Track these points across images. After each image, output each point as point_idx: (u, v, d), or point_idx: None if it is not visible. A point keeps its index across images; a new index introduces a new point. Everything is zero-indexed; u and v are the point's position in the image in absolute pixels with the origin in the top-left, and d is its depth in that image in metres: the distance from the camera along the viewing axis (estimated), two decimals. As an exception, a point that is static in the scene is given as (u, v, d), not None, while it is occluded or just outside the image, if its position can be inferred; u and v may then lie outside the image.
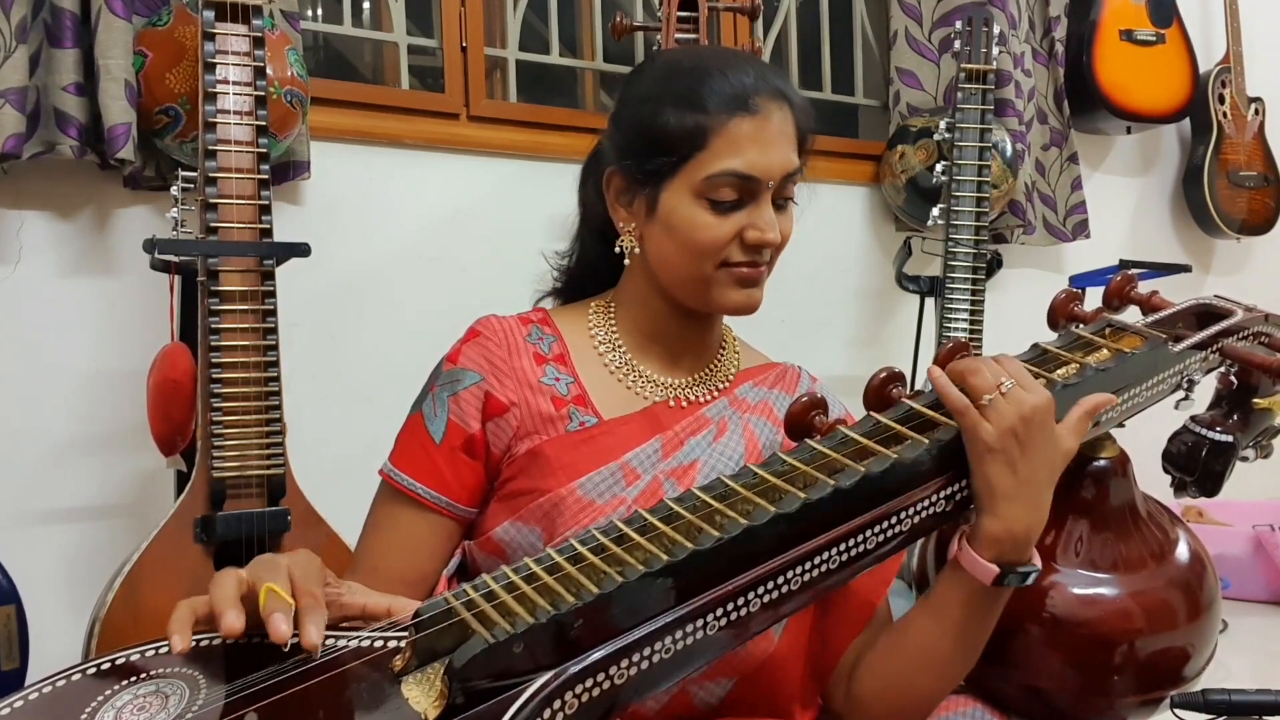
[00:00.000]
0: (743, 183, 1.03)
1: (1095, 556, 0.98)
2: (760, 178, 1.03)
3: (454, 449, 1.06)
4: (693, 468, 1.06)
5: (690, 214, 1.04)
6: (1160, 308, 1.03)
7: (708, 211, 1.03)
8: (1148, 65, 2.96)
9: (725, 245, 1.04)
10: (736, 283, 1.06)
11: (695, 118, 1.03)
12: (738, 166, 1.02)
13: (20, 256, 1.79)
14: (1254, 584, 2.62)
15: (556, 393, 1.08)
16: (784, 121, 1.05)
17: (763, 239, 1.03)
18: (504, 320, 1.12)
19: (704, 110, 1.03)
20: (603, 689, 0.74)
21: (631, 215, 1.10)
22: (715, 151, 1.02)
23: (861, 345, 2.72)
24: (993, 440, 0.85)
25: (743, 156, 1.02)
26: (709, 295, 1.07)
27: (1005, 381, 0.86)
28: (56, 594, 1.77)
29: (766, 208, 1.04)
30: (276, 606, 0.76)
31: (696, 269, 1.05)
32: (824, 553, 0.82)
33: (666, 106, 1.04)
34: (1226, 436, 0.96)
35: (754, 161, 1.02)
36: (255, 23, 1.54)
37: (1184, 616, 0.98)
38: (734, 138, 1.02)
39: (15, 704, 0.72)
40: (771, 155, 1.03)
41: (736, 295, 1.07)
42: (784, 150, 1.04)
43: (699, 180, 1.03)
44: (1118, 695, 0.97)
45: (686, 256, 1.05)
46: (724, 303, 1.07)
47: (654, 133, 1.05)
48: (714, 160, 1.02)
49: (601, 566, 0.79)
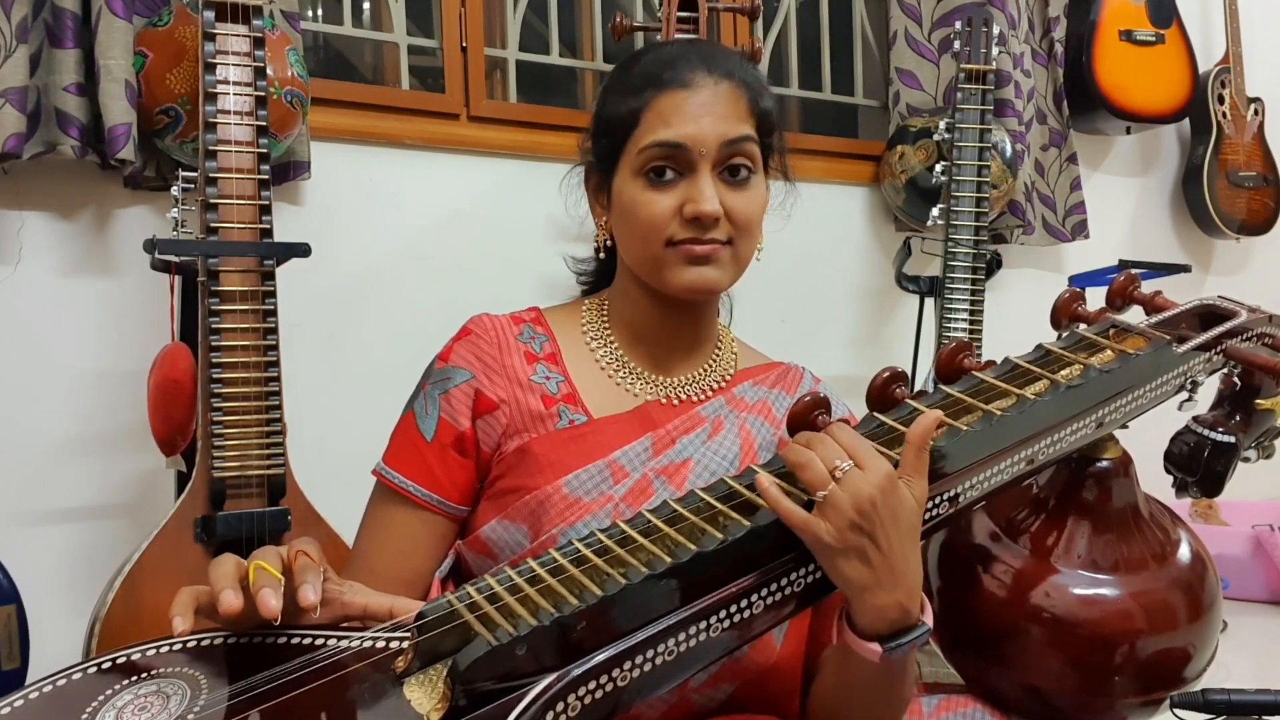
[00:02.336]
0: (672, 151, 1.03)
1: (1096, 557, 0.98)
2: (688, 145, 1.02)
3: (445, 447, 1.06)
4: (685, 466, 1.05)
5: (632, 194, 1.05)
6: (1164, 308, 1.03)
7: (646, 188, 1.04)
8: (1147, 65, 2.96)
9: (667, 221, 1.03)
10: (686, 261, 1.04)
11: (628, 100, 1.06)
12: (664, 136, 1.03)
13: (20, 256, 1.79)
14: (1254, 584, 2.62)
15: (546, 391, 1.08)
16: (720, 93, 1.04)
17: (698, 210, 1.02)
18: (496, 319, 1.12)
19: (637, 91, 1.06)
20: (606, 691, 0.74)
21: (603, 210, 1.12)
22: (646, 126, 1.04)
23: (861, 345, 2.71)
24: (836, 541, 0.80)
25: (671, 127, 1.03)
26: (663, 276, 1.06)
27: (840, 464, 0.80)
28: (56, 594, 1.77)
29: (704, 179, 1.03)
30: (266, 582, 0.76)
31: (646, 250, 1.05)
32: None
33: (611, 96, 1.09)
34: (1229, 437, 0.96)
35: (680, 130, 1.03)
36: (255, 23, 1.54)
37: (1185, 617, 0.98)
38: (661, 110, 1.04)
39: (15, 703, 0.72)
40: (702, 124, 1.03)
41: (686, 274, 1.05)
42: (719, 120, 1.03)
43: (634, 156, 1.05)
44: (1118, 696, 0.97)
45: (636, 238, 1.06)
46: (676, 282, 1.05)
47: (602, 123, 1.09)
48: (646, 133, 1.04)
49: (604, 568, 0.79)
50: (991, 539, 1.02)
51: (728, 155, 1.04)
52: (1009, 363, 0.95)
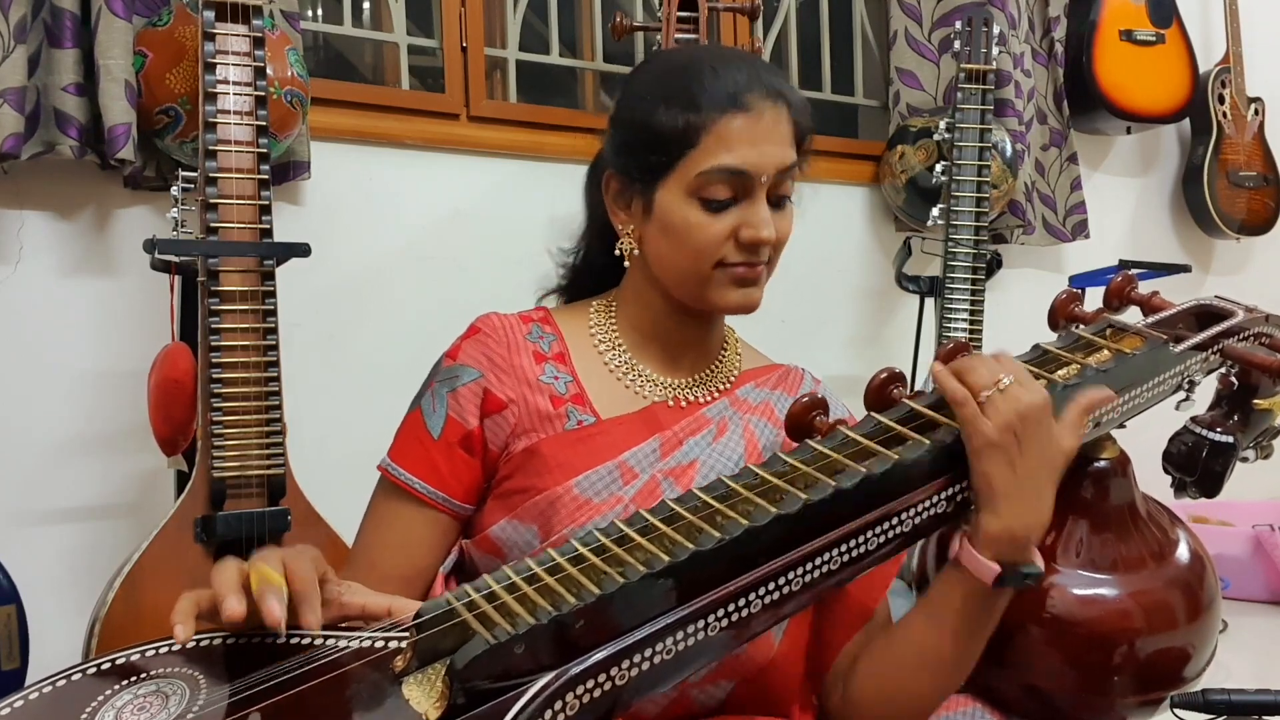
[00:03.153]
0: (735, 179, 1.02)
1: (1095, 557, 0.98)
2: (752, 173, 1.02)
3: (451, 445, 1.06)
4: (691, 468, 1.06)
5: (684, 214, 1.04)
6: (1161, 308, 1.02)
7: (701, 210, 1.03)
8: (1147, 65, 2.96)
9: (720, 244, 1.03)
10: (733, 282, 1.05)
11: (687, 116, 1.02)
12: (729, 162, 1.02)
13: (20, 256, 1.79)
14: (1254, 584, 2.62)
15: (555, 391, 1.08)
16: (777, 118, 1.04)
17: (757, 237, 1.03)
18: (504, 318, 1.12)
19: (696, 108, 1.02)
20: (604, 689, 0.74)
21: (630, 217, 1.10)
22: (707, 149, 1.02)
23: (861, 345, 2.72)
24: (992, 435, 0.84)
25: (734, 152, 1.02)
26: (706, 295, 1.06)
27: (1004, 378, 0.85)
28: (56, 594, 1.77)
29: (761, 205, 1.03)
30: (269, 590, 0.76)
31: (693, 269, 1.05)
32: (825, 553, 0.82)
33: (659, 106, 1.04)
34: (1227, 437, 0.96)
35: (745, 157, 1.02)
36: (255, 23, 1.54)
37: (1184, 617, 0.98)
38: (725, 134, 1.02)
39: (15, 704, 0.72)
40: (764, 151, 1.02)
41: (733, 295, 1.06)
42: (777, 146, 1.04)
43: (692, 178, 1.03)
44: (1118, 695, 0.97)
45: (683, 257, 1.05)
46: (721, 303, 1.07)
47: (648, 132, 1.05)
48: (706, 157, 1.02)
49: (602, 567, 0.79)
50: (990, 538, 1.02)
51: (779, 182, 1.05)
52: (1007, 362, 0.95)
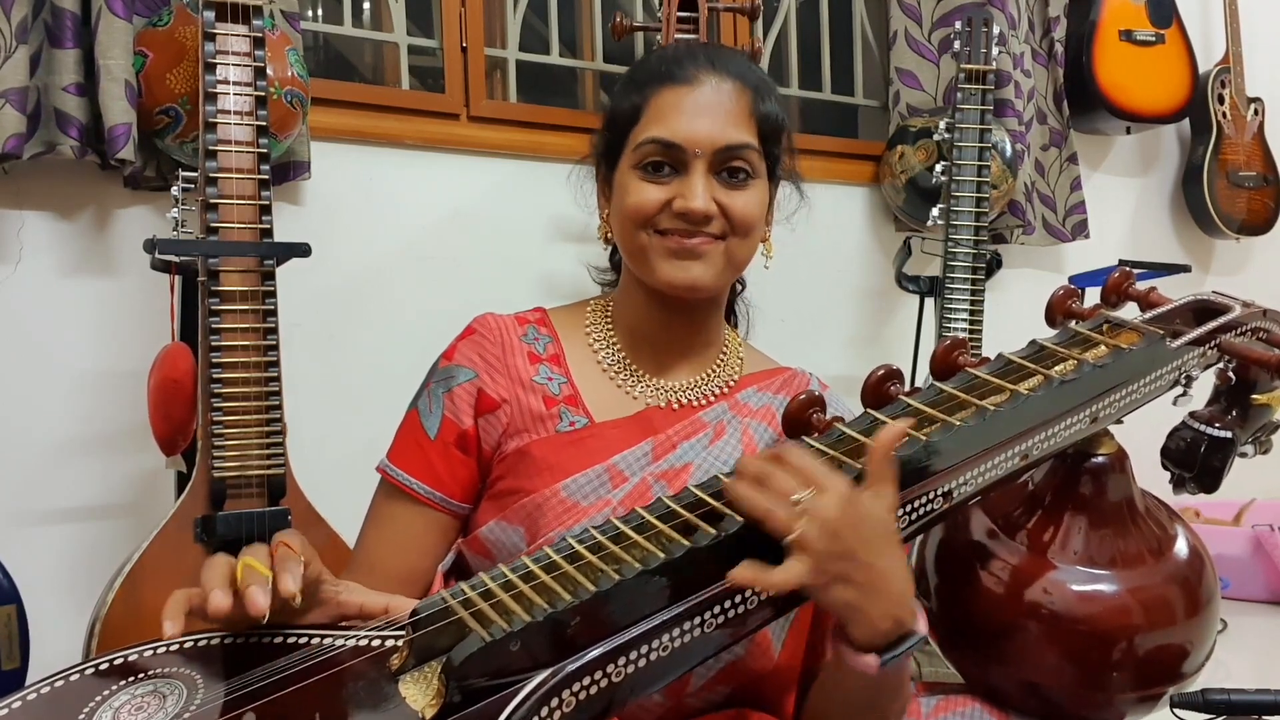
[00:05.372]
0: (667, 150, 1.04)
1: (1093, 553, 0.98)
2: (684, 145, 1.04)
3: (448, 445, 1.07)
4: (685, 471, 1.05)
5: (626, 183, 1.07)
6: (1158, 304, 1.03)
7: (640, 179, 1.06)
8: (1147, 65, 2.96)
9: (654, 211, 1.05)
10: (670, 254, 1.05)
11: (632, 95, 1.08)
12: (660, 134, 1.04)
13: (20, 256, 1.79)
14: (1254, 584, 2.61)
15: (548, 392, 1.08)
16: (722, 94, 1.05)
17: (686, 206, 1.03)
18: (500, 319, 1.12)
19: (640, 85, 1.08)
20: (600, 687, 0.74)
21: (606, 204, 1.13)
22: (646, 122, 1.06)
23: (861, 345, 2.71)
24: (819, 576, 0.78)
25: (667, 124, 1.04)
26: (648, 266, 1.07)
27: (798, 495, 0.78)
28: (56, 594, 1.77)
29: (696, 177, 1.04)
30: (253, 580, 0.76)
31: (633, 238, 1.07)
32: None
33: (618, 91, 1.11)
34: (1225, 432, 0.96)
35: (677, 129, 1.04)
36: (255, 23, 1.54)
37: (1182, 612, 0.98)
38: (661, 107, 1.05)
39: (14, 704, 0.72)
40: (699, 124, 1.03)
41: (669, 267, 1.05)
42: (718, 122, 1.04)
43: (631, 151, 1.07)
44: (1116, 691, 0.97)
45: (623, 225, 1.07)
46: (659, 274, 1.06)
47: (610, 118, 1.11)
48: (643, 130, 1.06)
49: (598, 565, 0.79)
50: (988, 536, 1.02)
51: (724, 160, 1.05)
52: (1003, 359, 0.95)
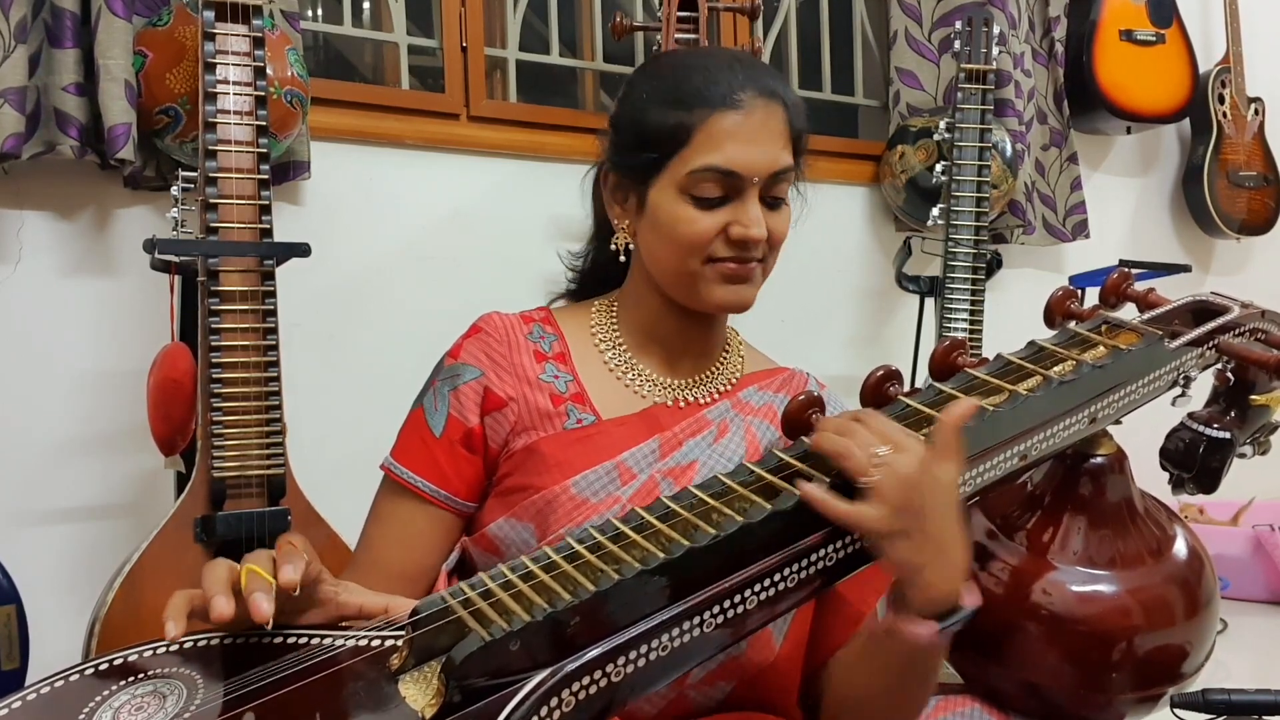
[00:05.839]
0: (725, 178, 1.02)
1: (1093, 553, 0.98)
2: (743, 173, 1.02)
3: (453, 443, 1.07)
4: (691, 468, 1.06)
5: (674, 210, 1.04)
6: (1157, 305, 1.03)
7: (692, 207, 1.03)
8: (1148, 65, 2.96)
9: (709, 241, 1.04)
10: (723, 279, 1.05)
11: (679, 114, 1.03)
12: (718, 162, 1.02)
13: (20, 256, 1.79)
14: (1254, 584, 2.61)
15: (555, 390, 1.08)
16: (771, 118, 1.04)
17: (746, 235, 1.03)
18: (506, 317, 1.13)
19: (687, 106, 1.03)
20: (600, 686, 0.74)
21: (625, 212, 1.11)
22: (698, 147, 1.02)
23: (861, 345, 2.71)
24: (886, 526, 0.80)
25: (723, 152, 1.02)
26: (697, 292, 1.07)
27: (878, 450, 0.81)
28: (56, 594, 1.77)
29: (752, 204, 1.03)
30: (257, 586, 0.76)
31: (683, 265, 1.05)
32: (820, 549, 0.82)
33: (653, 104, 1.05)
34: (1224, 433, 0.96)
35: (734, 157, 1.02)
36: (255, 23, 1.54)
37: (1182, 613, 0.98)
38: (715, 133, 1.02)
39: (14, 704, 0.72)
40: (754, 151, 1.02)
41: (723, 292, 1.06)
42: (770, 147, 1.03)
43: (683, 176, 1.03)
44: (1116, 692, 0.97)
45: (673, 252, 1.06)
46: (711, 299, 1.07)
47: (642, 130, 1.06)
48: (696, 156, 1.03)
49: (598, 564, 0.79)
50: (988, 536, 1.02)
51: (773, 184, 1.05)
52: (1002, 359, 0.95)
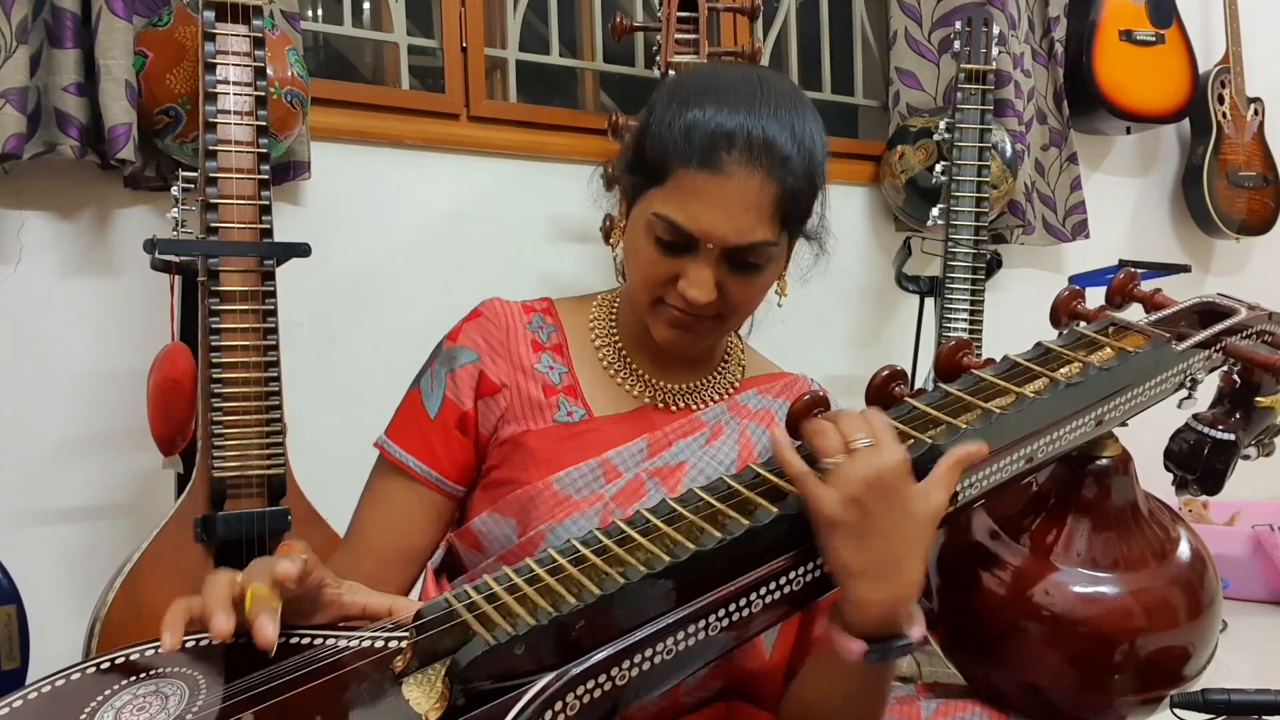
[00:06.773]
0: (679, 233, 0.97)
1: (1096, 555, 0.98)
2: (699, 237, 0.96)
3: (448, 425, 1.07)
4: (680, 469, 1.06)
5: (638, 240, 1.01)
6: (1163, 306, 1.02)
7: (652, 246, 0.99)
8: (1147, 65, 2.96)
9: (660, 284, 1.01)
10: (667, 322, 1.03)
11: (664, 151, 0.98)
12: (678, 219, 0.96)
13: (20, 256, 1.79)
14: (1254, 584, 2.62)
15: (549, 380, 1.08)
16: (749, 188, 0.95)
17: (687, 296, 0.98)
18: (507, 304, 1.13)
19: (674, 146, 0.97)
20: (604, 690, 0.74)
21: (621, 215, 1.11)
22: (667, 193, 0.97)
23: (861, 345, 2.71)
24: (831, 511, 0.78)
25: (686, 210, 0.96)
26: (649, 323, 1.05)
27: (859, 440, 0.79)
28: (56, 594, 1.77)
29: (704, 268, 0.97)
30: (261, 609, 0.75)
31: (639, 294, 1.04)
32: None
33: (653, 126, 1.00)
34: (1229, 435, 0.96)
35: (697, 217, 0.95)
36: (255, 23, 1.54)
37: (1185, 615, 0.98)
38: (686, 186, 0.96)
39: (15, 704, 0.72)
40: (718, 219, 0.95)
41: (669, 335, 1.03)
42: (740, 220, 0.95)
43: (649, 213, 0.99)
44: (1118, 694, 0.97)
45: (633, 278, 1.05)
46: (658, 336, 1.05)
47: (638, 149, 1.03)
48: (663, 201, 0.98)
49: (603, 567, 0.79)
50: (991, 537, 1.02)
51: (736, 255, 0.98)
52: (1008, 361, 0.95)
